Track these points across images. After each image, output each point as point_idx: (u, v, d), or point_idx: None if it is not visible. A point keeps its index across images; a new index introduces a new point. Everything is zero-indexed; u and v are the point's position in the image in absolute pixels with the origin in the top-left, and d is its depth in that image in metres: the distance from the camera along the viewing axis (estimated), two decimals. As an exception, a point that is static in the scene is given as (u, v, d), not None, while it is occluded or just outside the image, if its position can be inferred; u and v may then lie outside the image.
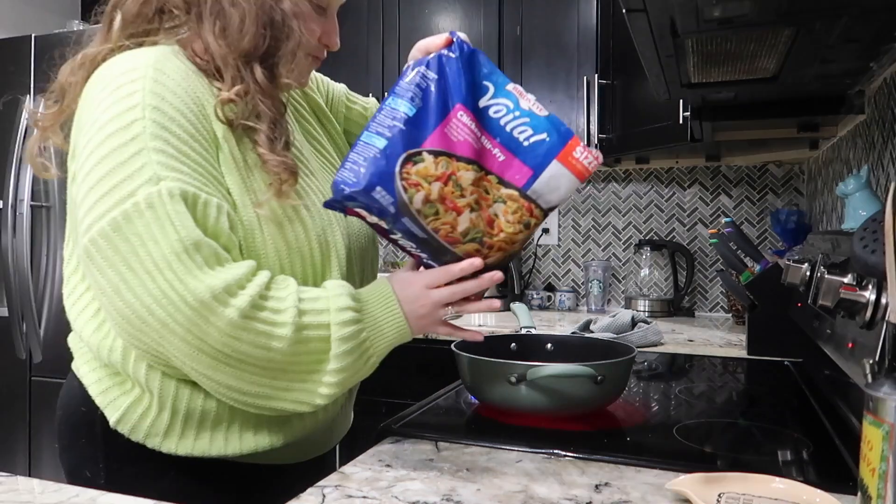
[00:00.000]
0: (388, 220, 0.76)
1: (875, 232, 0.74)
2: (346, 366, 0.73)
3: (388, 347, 0.78)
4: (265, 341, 0.69)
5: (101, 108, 0.72)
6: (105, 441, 0.81)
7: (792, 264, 1.06)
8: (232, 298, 0.67)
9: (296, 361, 0.72)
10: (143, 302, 0.66)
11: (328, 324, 0.72)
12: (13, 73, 2.34)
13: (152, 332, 0.67)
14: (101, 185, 0.69)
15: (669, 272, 2.43)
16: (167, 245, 0.66)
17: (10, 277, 2.32)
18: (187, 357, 0.68)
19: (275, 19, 0.77)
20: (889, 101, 1.34)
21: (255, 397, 0.72)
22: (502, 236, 0.79)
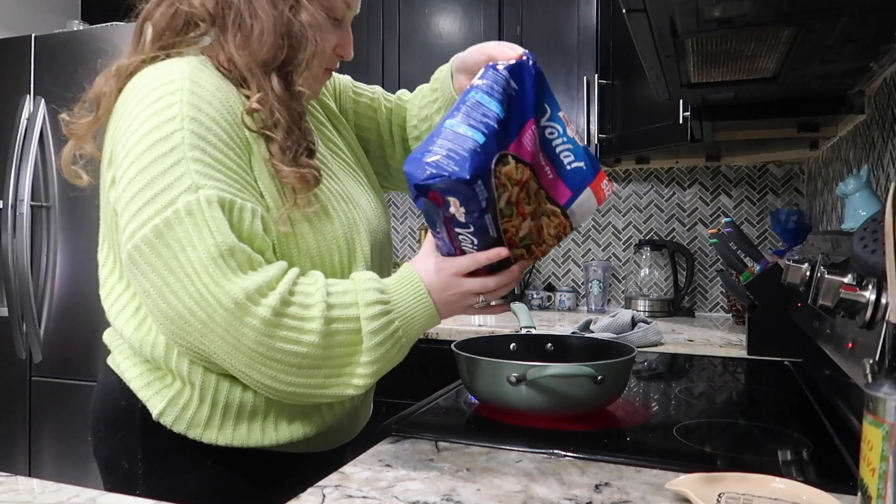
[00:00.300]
0: (472, 215, 0.77)
1: (875, 232, 0.74)
2: (378, 356, 0.76)
3: (420, 332, 0.81)
4: (297, 336, 0.72)
5: (139, 120, 0.75)
6: (144, 434, 0.85)
7: (792, 264, 1.06)
8: (263, 298, 0.71)
9: (329, 356, 0.74)
10: (184, 303, 0.71)
11: (357, 317, 0.75)
12: (13, 73, 2.34)
13: (194, 331, 0.71)
14: (142, 194, 0.73)
15: (669, 272, 2.43)
16: (204, 250, 0.71)
17: (10, 277, 2.32)
18: (227, 355, 0.72)
19: (292, 30, 0.81)
20: (889, 101, 1.34)
21: (292, 395, 0.76)
22: (544, 247, 0.88)
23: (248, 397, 0.82)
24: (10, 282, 2.32)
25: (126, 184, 0.74)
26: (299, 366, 0.73)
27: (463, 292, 0.81)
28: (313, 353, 0.73)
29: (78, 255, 2.27)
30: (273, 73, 0.81)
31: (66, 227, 2.28)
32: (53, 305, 2.30)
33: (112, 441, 0.88)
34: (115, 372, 0.88)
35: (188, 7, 0.82)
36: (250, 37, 0.80)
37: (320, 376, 0.75)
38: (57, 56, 2.29)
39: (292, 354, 0.72)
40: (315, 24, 0.82)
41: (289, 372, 0.73)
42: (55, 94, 2.28)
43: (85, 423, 2.16)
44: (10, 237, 2.31)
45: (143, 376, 0.84)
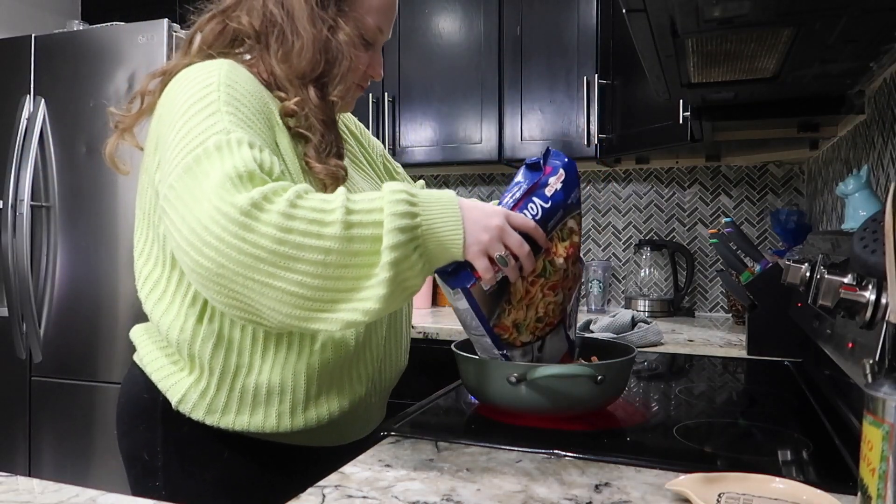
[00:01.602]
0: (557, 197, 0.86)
1: (875, 232, 0.74)
2: (398, 258, 0.70)
3: (440, 249, 0.75)
4: (317, 229, 0.69)
5: (182, 98, 0.81)
6: (163, 426, 0.89)
7: (792, 264, 1.06)
8: (276, 197, 0.70)
9: (351, 251, 0.70)
10: (201, 222, 0.70)
11: (380, 207, 0.72)
12: (13, 73, 2.34)
13: (213, 252, 0.69)
14: (179, 144, 0.76)
15: (669, 272, 2.43)
16: (223, 174, 0.71)
17: (10, 277, 2.32)
18: (248, 270, 0.68)
19: (329, 47, 0.90)
20: (889, 101, 1.34)
21: (314, 308, 0.70)
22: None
23: (263, 382, 0.85)
24: (10, 282, 2.32)
25: (169, 147, 0.77)
26: (324, 263, 0.69)
27: (497, 226, 0.78)
28: (335, 247, 0.69)
29: (78, 255, 2.27)
30: (310, 84, 0.89)
31: (66, 227, 2.28)
32: (53, 305, 2.30)
33: (134, 434, 0.92)
34: (138, 366, 0.93)
35: (237, 24, 0.90)
36: (291, 52, 0.88)
37: (349, 277, 0.70)
38: (57, 56, 2.30)
39: (315, 249, 0.68)
40: (352, 44, 0.91)
41: (315, 272, 0.69)
42: (55, 94, 2.28)
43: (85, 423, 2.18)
44: (10, 237, 2.31)
45: (165, 368, 0.88)
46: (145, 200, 0.88)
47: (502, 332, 0.87)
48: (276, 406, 0.86)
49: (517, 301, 0.86)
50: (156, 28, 2.15)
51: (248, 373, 0.85)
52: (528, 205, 0.85)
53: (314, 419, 0.88)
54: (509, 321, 0.87)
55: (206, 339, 0.84)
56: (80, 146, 2.25)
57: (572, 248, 0.89)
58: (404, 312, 1.04)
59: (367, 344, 0.92)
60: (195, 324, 0.85)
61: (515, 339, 0.89)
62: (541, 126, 2.32)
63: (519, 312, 0.87)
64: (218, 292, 0.71)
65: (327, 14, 0.90)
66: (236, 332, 0.85)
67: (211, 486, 0.89)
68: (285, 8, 0.89)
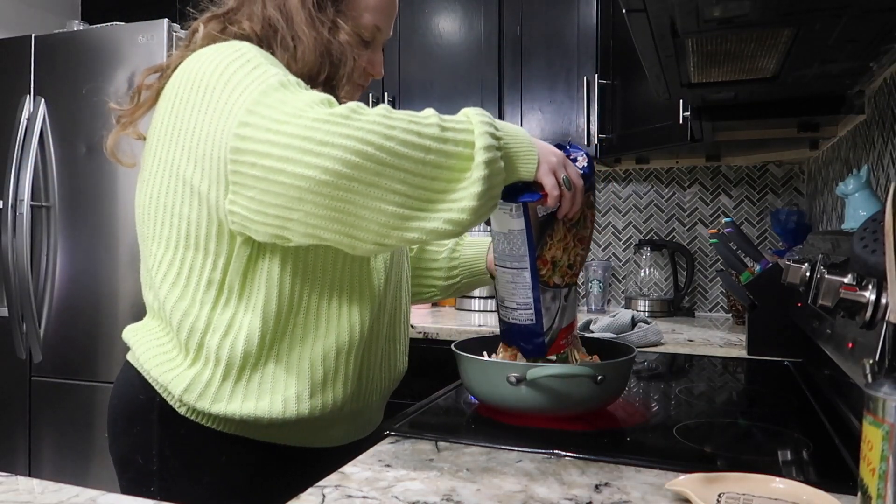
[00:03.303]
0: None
1: (875, 232, 0.74)
2: (490, 159, 0.74)
3: (517, 163, 0.81)
4: (417, 128, 0.72)
5: (210, 69, 0.79)
6: (161, 428, 0.87)
7: (792, 264, 1.06)
8: (366, 108, 0.72)
9: (447, 152, 0.73)
10: (299, 134, 0.68)
11: (471, 121, 0.77)
12: (13, 73, 2.34)
13: (317, 158, 0.68)
14: (231, 94, 0.75)
15: (669, 272, 2.43)
16: (303, 100, 0.71)
17: (10, 277, 2.32)
18: (357, 170, 0.68)
19: (331, 49, 0.90)
20: (889, 101, 1.34)
21: (415, 207, 0.71)
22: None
23: (270, 370, 0.85)
24: (10, 282, 2.32)
25: (215, 107, 0.76)
26: (424, 161, 0.71)
27: (562, 155, 0.85)
28: (436, 146, 0.72)
29: (78, 255, 2.27)
30: (318, 88, 0.88)
31: (66, 227, 2.29)
32: (53, 305, 2.30)
33: (128, 436, 0.90)
34: (134, 366, 0.91)
35: (238, 29, 0.89)
36: (294, 56, 0.88)
37: (444, 179, 0.73)
38: (57, 56, 2.30)
39: (417, 147, 0.71)
40: (353, 44, 0.91)
41: (416, 170, 0.71)
42: (55, 94, 2.28)
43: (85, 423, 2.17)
44: (10, 237, 2.31)
45: (165, 363, 0.87)
46: (154, 186, 0.86)
47: (541, 266, 0.92)
48: (282, 392, 0.85)
49: (557, 240, 0.92)
50: (156, 28, 2.15)
51: (256, 361, 0.85)
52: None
53: (318, 407, 0.87)
54: (549, 255, 0.92)
55: (217, 327, 0.84)
56: (80, 146, 2.25)
57: (590, 212, 0.96)
58: (403, 312, 1.03)
59: (369, 338, 0.92)
60: (210, 311, 0.84)
61: (550, 277, 0.93)
62: (541, 126, 2.32)
63: (557, 250, 0.92)
64: (317, 205, 0.69)
65: (325, 15, 0.90)
66: (247, 320, 0.84)
67: (208, 489, 0.87)
68: (284, 12, 0.88)
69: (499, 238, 0.92)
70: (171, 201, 0.85)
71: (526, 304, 0.92)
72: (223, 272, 0.84)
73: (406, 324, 1.05)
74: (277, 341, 0.85)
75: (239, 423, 0.86)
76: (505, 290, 0.94)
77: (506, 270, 0.93)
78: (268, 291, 0.84)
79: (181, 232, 0.85)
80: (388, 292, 0.95)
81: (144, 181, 0.88)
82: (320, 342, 0.87)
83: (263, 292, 0.84)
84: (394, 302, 0.99)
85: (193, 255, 0.85)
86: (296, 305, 0.86)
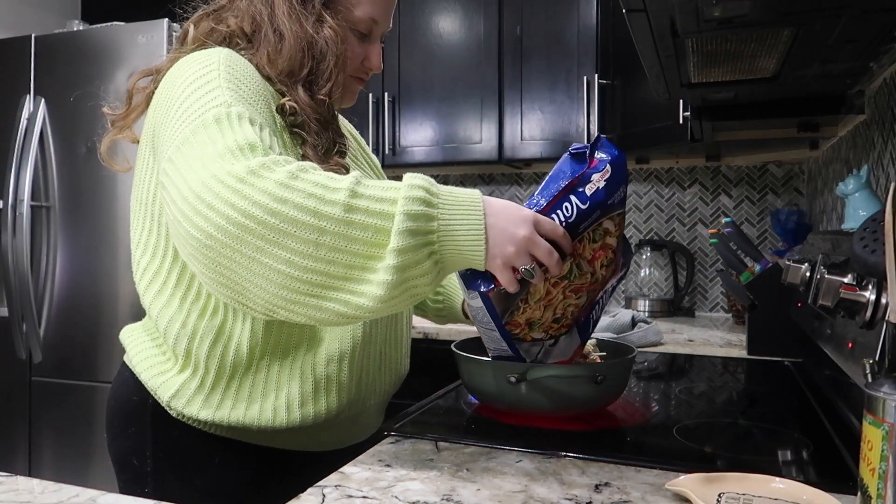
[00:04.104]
0: (597, 197, 0.80)
1: (875, 232, 0.74)
2: (405, 262, 0.65)
3: (455, 255, 0.70)
4: (314, 205, 0.64)
5: (181, 80, 0.80)
6: (154, 430, 0.87)
7: (792, 264, 1.06)
8: (278, 167, 0.66)
9: (349, 238, 0.65)
10: (194, 191, 0.66)
11: (394, 199, 0.66)
12: (13, 73, 2.34)
13: (202, 221, 0.65)
14: (178, 119, 0.74)
15: (669, 272, 2.43)
16: (223, 145, 0.69)
17: (10, 277, 2.32)
18: (236, 241, 0.64)
19: (315, 44, 0.87)
20: (889, 101, 1.34)
21: (303, 291, 0.66)
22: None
23: (261, 379, 0.84)
24: (10, 282, 2.32)
25: (168, 124, 0.76)
26: (317, 244, 0.64)
27: (525, 237, 0.71)
28: (331, 229, 0.64)
29: (78, 255, 2.27)
30: (299, 84, 0.86)
31: (66, 227, 2.28)
32: (53, 305, 2.30)
33: (124, 438, 0.90)
34: (128, 368, 0.91)
35: (225, 27, 0.89)
36: (276, 50, 0.86)
37: (341, 264, 0.65)
38: (57, 56, 2.30)
39: (308, 227, 0.64)
40: (339, 38, 0.88)
41: (306, 252, 0.64)
42: (55, 94, 2.28)
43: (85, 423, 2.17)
44: (10, 237, 2.31)
45: (156, 366, 0.87)
46: (143, 191, 0.86)
47: (513, 329, 0.83)
48: (273, 401, 0.84)
49: (535, 301, 0.81)
50: (156, 28, 2.15)
51: (246, 369, 0.84)
52: (563, 204, 0.79)
53: (311, 415, 0.86)
54: (523, 319, 0.82)
55: (205, 334, 0.83)
56: (80, 146, 2.25)
57: (603, 251, 0.83)
58: (404, 314, 1.03)
59: (366, 343, 0.91)
60: (197, 319, 0.83)
61: (526, 335, 0.85)
62: (541, 126, 2.32)
63: (535, 312, 0.82)
64: (206, 266, 0.67)
65: (308, 9, 0.87)
66: (237, 328, 0.83)
67: (201, 492, 0.87)
68: (268, 6, 0.87)
69: (465, 301, 0.83)
70: (155, 209, 0.85)
71: (503, 350, 0.86)
72: (190, 267, 0.82)
73: (408, 325, 1.04)
74: (268, 351, 0.84)
75: (229, 429, 0.86)
76: (481, 335, 0.87)
77: (476, 323, 0.85)
78: None
79: (167, 240, 0.85)
80: None
81: (135, 186, 0.88)
82: (312, 350, 0.86)
83: None
84: None
85: (171, 263, 0.85)
86: None
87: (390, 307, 0.68)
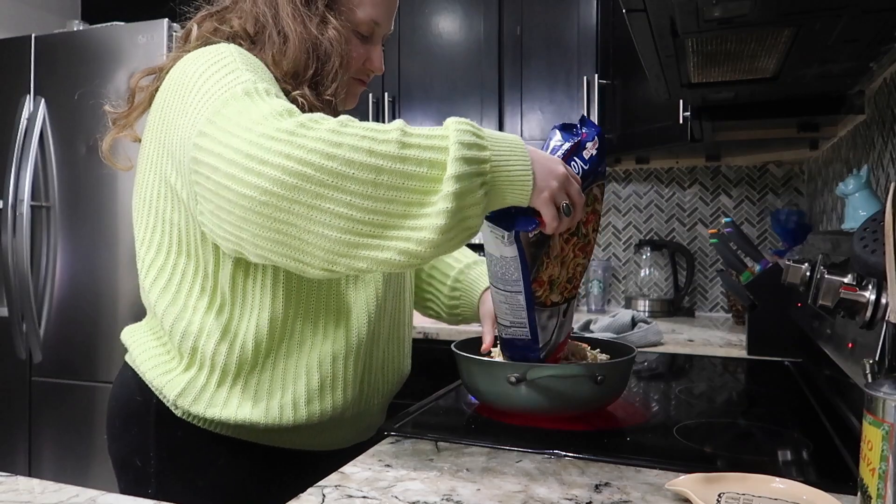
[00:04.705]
0: (593, 161, 0.85)
1: (875, 232, 0.74)
2: (462, 189, 0.65)
3: (507, 191, 0.70)
4: (369, 145, 0.64)
5: (192, 70, 0.79)
6: (157, 430, 0.87)
7: (792, 264, 1.06)
8: (325, 120, 0.67)
9: (406, 174, 0.65)
10: (243, 151, 0.65)
11: (444, 135, 0.67)
12: (13, 73, 2.34)
13: (256, 178, 0.64)
14: (201, 100, 0.73)
15: (669, 272, 2.43)
16: (260, 112, 0.68)
17: (10, 277, 2.32)
18: (294, 191, 0.64)
19: (319, 45, 0.87)
20: (889, 101, 1.34)
21: (364, 233, 0.65)
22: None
23: (266, 377, 0.84)
24: (10, 282, 2.32)
25: (187, 110, 0.75)
26: (375, 183, 0.64)
27: (563, 174, 0.74)
28: (390, 166, 0.64)
29: (78, 255, 2.27)
30: (304, 85, 0.86)
31: (66, 227, 2.29)
32: (53, 305, 2.30)
33: (126, 438, 0.90)
34: (131, 368, 0.90)
35: (229, 28, 0.88)
36: (281, 52, 0.86)
37: (400, 202, 0.65)
38: (57, 56, 2.30)
39: (366, 167, 0.64)
40: (342, 39, 0.88)
41: (365, 192, 0.64)
42: (55, 94, 2.28)
43: (85, 423, 2.17)
44: (10, 237, 2.31)
45: (161, 365, 0.86)
46: (147, 189, 0.85)
47: (537, 288, 0.84)
48: (279, 399, 0.84)
49: (554, 256, 0.84)
50: (156, 28, 2.16)
51: (252, 367, 0.84)
52: (570, 163, 0.83)
53: (317, 413, 0.86)
54: (546, 276, 0.84)
55: (212, 331, 0.83)
56: (80, 146, 2.25)
57: (594, 215, 0.88)
58: (405, 314, 1.03)
59: (370, 341, 0.91)
60: (203, 316, 0.83)
61: (547, 297, 0.86)
62: (541, 126, 2.32)
63: (554, 268, 0.85)
64: (262, 226, 0.66)
65: (312, 11, 0.87)
66: (243, 325, 0.83)
67: (205, 492, 0.87)
68: (272, 7, 0.87)
69: (491, 259, 0.85)
70: (161, 206, 0.84)
71: (520, 324, 0.87)
72: (214, 279, 0.83)
73: (409, 325, 1.04)
74: (274, 348, 0.84)
75: (235, 427, 0.85)
76: (499, 309, 0.89)
77: (499, 291, 0.86)
78: (263, 298, 0.83)
79: (172, 237, 0.84)
80: (389, 295, 0.94)
81: (138, 184, 0.88)
82: (318, 348, 0.86)
83: (259, 298, 0.83)
84: (395, 304, 0.98)
85: (185, 261, 0.84)
86: (293, 312, 0.84)
87: (448, 240, 0.67)
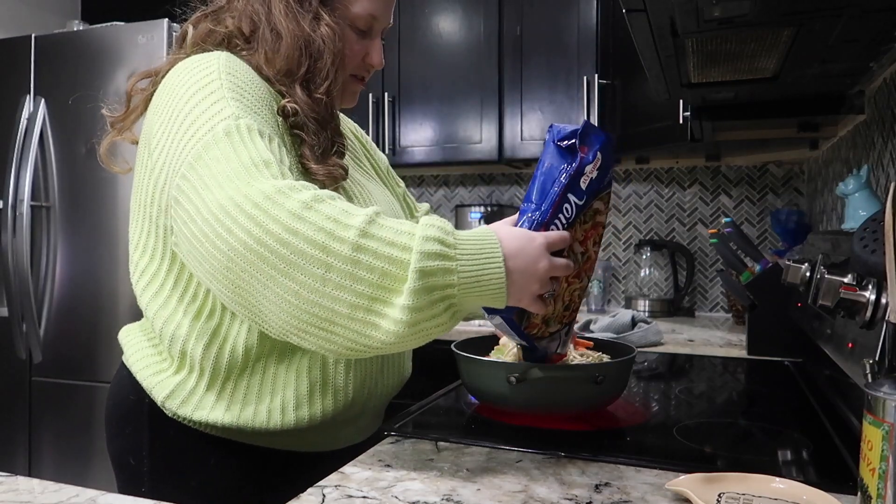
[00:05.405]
0: (595, 185, 0.81)
1: (875, 232, 0.74)
2: (420, 306, 0.65)
3: (476, 305, 0.71)
4: (323, 239, 0.65)
5: (181, 88, 0.80)
6: (150, 429, 0.87)
7: (792, 264, 1.06)
8: (296, 193, 0.67)
9: (357, 278, 0.65)
10: (210, 210, 0.68)
11: (409, 247, 0.65)
12: (13, 73, 2.34)
13: (220, 241, 0.67)
14: (186, 133, 0.75)
15: (669, 272, 2.43)
16: (238, 162, 0.70)
17: (10, 277, 2.32)
18: (252, 266, 0.66)
19: (312, 43, 0.86)
20: (889, 101, 1.34)
21: (312, 322, 0.66)
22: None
23: (256, 381, 0.84)
24: (10, 282, 2.32)
25: (174, 137, 0.76)
26: (323, 279, 0.64)
27: (545, 269, 0.72)
28: (338, 266, 0.64)
29: (78, 255, 2.27)
30: (297, 83, 0.86)
31: (66, 227, 2.28)
32: (53, 305, 2.30)
33: (121, 437, 0.90)
34: (126, 367, 0.91)
35: (224, 28, 0.88)
36: (274, 51, 0.86)
37: (345, 303, 0.65)
38: (57, 56, 2.29)
39: (315, 261, 0.64)
40: (335, 37, 0.87)
41: (313, 286, 0.65)
42: (55, 95, 2.28)
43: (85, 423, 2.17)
44: (10, 237, 2.31)
45: (152, 366, 0.87)
46: (141, 193, 0.86)
47: (531, 330, 0.83)
48: (267, 403, 0.84)
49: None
50: (156, 28, 2.15)
51: (241, 372, 0.83)
52: (563, 206, 0.79)
53: (306, 418, 0.85)
54: (539, 319, 0.82)
55: (200, 336, 0.83)
56: (80, 146, 2.25)
57: (594, 228, 0.85)
58: None
59: None
60: (192, 320, 0.83)
61: (544, 332, 0.85)
62: (541, 126, 2.32)
63: (548, 308, 0.81)
64: (226, 286, 0.69)
65: (305, 7, 0.87)
66: (233, 330, 0.83)
67: (197, 491, 0.86)
68: (265, 6, 0.87)
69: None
70: (153, 211, 0.84)
71: (518, 343, 0.88)
72: (203, 284, 0.81)
73: None
74: (264, 353, 0.84)
75: (224, 430, 0.85)
76: (497, 329, 0.86)
77: (495, 326, 0.84)
78: None
79: (165, 243, 0.84)
80: None
81: (135, 187, 0.88)
82: (307, 353, 0.85)
83: None
84: None
85: (176, 266, 0.84)
86: None
87: (401, 347, 0.68)
